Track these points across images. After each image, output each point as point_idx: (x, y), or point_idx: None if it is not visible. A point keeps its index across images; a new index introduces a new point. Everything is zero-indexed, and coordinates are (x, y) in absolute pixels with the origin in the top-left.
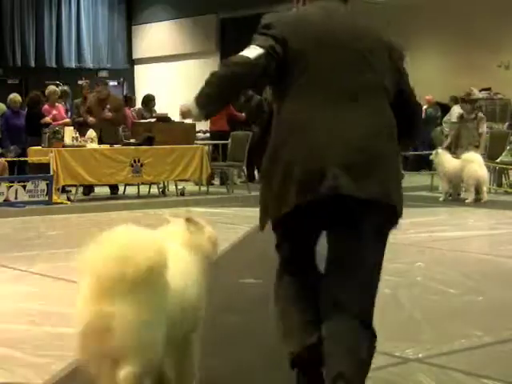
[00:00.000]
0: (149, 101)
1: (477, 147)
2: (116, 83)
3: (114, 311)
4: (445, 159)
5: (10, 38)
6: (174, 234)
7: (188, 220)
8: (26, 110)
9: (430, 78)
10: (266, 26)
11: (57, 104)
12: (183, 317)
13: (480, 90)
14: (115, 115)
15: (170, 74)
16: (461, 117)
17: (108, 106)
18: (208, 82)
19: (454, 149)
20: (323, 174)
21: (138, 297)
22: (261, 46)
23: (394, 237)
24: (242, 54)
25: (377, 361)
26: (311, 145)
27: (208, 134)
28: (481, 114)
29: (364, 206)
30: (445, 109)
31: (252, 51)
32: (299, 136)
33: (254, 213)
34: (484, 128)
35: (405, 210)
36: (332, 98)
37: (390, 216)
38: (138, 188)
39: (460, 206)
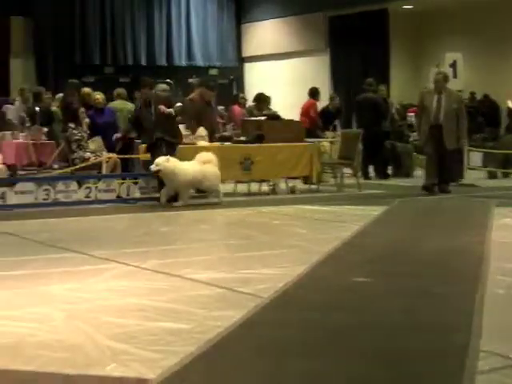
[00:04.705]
0: (261, 100)
1: None
2: (226, 81)
3: (206, 168)
4: None
5: (121, 38)
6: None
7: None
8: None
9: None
10: None
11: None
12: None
13: None
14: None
15: (280, 71)
16: None
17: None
18: None
19: None
20: None
21: (211, 165)
22: None
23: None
24: None
25: (491, 362)
26: None
27: None
28: None
29: None
30: None
31: None
32: None
33: (363, 211)
34: None
35: None
36: None
37: None
38: (249, 186)
39: None
